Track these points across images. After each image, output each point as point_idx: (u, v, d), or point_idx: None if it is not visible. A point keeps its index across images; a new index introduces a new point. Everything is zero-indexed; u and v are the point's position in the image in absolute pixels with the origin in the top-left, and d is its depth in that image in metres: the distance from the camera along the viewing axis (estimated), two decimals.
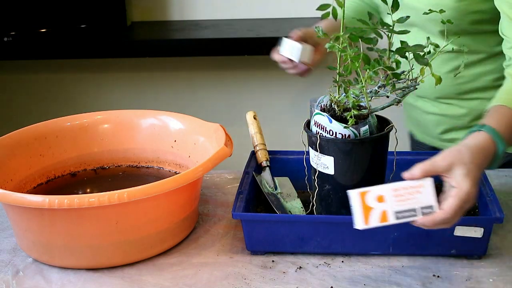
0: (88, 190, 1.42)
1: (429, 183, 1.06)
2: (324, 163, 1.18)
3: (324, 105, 1.20)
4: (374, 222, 1.06)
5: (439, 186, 1.09)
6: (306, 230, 1.20)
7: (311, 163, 1.21)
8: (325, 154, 1.17)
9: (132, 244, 1.20)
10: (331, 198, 1.20)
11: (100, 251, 1.19)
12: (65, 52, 2.66)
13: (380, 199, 1.05)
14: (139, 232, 1.19)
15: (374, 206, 1.06)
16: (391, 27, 1.16)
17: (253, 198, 1.30)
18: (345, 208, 1.20)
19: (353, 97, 1.15)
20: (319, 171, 1.19)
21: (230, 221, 1.33)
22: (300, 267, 1.18)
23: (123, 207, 1.15)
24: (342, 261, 1.19)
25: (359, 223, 1.06)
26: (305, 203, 1.30)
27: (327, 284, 1.13)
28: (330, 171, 1.18)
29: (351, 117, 1.14)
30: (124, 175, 1.45)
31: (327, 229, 1.19)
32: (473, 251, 1.18)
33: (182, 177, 1.18)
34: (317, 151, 1.18)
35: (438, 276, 1.14)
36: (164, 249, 1.24)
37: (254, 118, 1.41)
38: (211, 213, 1.38)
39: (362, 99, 1.16)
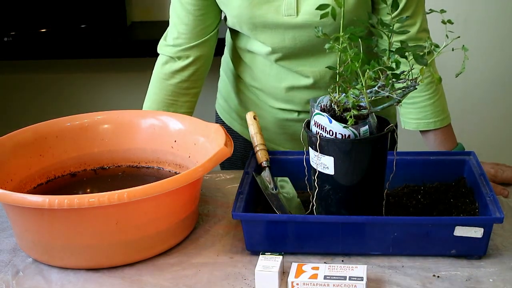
0: (88, 190, 1.42)
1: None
2: (324, 163, 1.18)
3: (324, 105, 1.20)
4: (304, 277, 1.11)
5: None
6: (306, 230, 1.20)
7: (311, 163, 1.21)
8: (325, 154, 1.17)
9: (132, 244, 1.20)
10: (331, 198, 1.20)
11: (100, 251, 1.19)
12: (65, 52, 2.66)
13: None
14: (139, 232, 1.19)
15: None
16: (390, 27, 1.16)
17: (253, 198, 1.30)
18: (345, 208, 1.20)
19: (353, 97, 1.15)
20: (319, 171, 1.19)
21: (230, 221, 1.33)
22: None
23: (123, 207, 1.15)
24: (342, 261, 1.19)
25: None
26: (305, 203, 1.30)
27: None
28: (330, 171, 1.18)
29: (350, 117, 1.14)
30: (124, 175, 1.45)
31: (327, 229, 1.19)
32: (473, 251, 1.18)
33: (182, 177, 1.18)
34: (317, 151, 1.18)
35: (438, 276, 1.14)
36: (164, 249, 1.24)
37: (254, 118, 1.42)
38: (211, 213, 1.38)
39: (362, 99, 1.16)
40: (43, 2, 2.69)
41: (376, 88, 1.15)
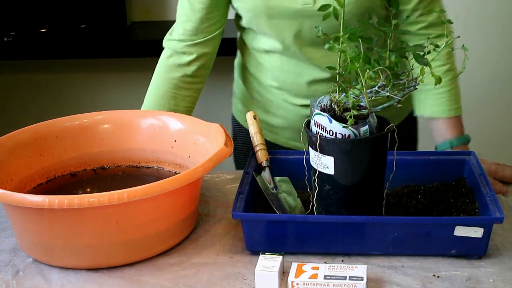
0: (88, 190, 1.42)
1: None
2: (324, 163, 1.18)
3: (324, 105, 1.20)
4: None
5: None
6: (306, 230, 1.20)
7: (311, 163, 1.21)
8: (325, 154, 1.17)
9: (132, 244, 1.20)
10: (331, 198, 1.20)
11: (100, 251, 1.19)
12: (65, 52, 2.66)
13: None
14: (139, 232, 1.19)
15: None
16: (391, 27, 1.16)
17: (253, 198, 1.30)
18: (345, 208, 1.20)
19: (353, 97, 1.15)
20: (319, 171, 1.19)
21: (230, 221, 1.33)
22: None
23: (123, 207, 1.15)
24: (342, 261, 1.19)
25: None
26: (305, 203, 1.30)
27: None
28: (330, 171, 1.18)
29: (350, 117, 1.14)
30: (124, 175, 1.45)
31: (327, 229, 1.19)
32: (473, 251, 1.18)
33: (182, 177, 1.18)
34: (317, 151, 1.18)
35: (438, 276, 1.14)
36: (164, 249, 1.24)
37: (254, 118, 1.42)
38: (211, 213, 1.38)
39: (362, 99, 1.16)
40: (43, 2, 2.69)
41: (376, 88, 1.15)
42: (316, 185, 1.20)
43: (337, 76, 1.18)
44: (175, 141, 1.43)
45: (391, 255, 1.20)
